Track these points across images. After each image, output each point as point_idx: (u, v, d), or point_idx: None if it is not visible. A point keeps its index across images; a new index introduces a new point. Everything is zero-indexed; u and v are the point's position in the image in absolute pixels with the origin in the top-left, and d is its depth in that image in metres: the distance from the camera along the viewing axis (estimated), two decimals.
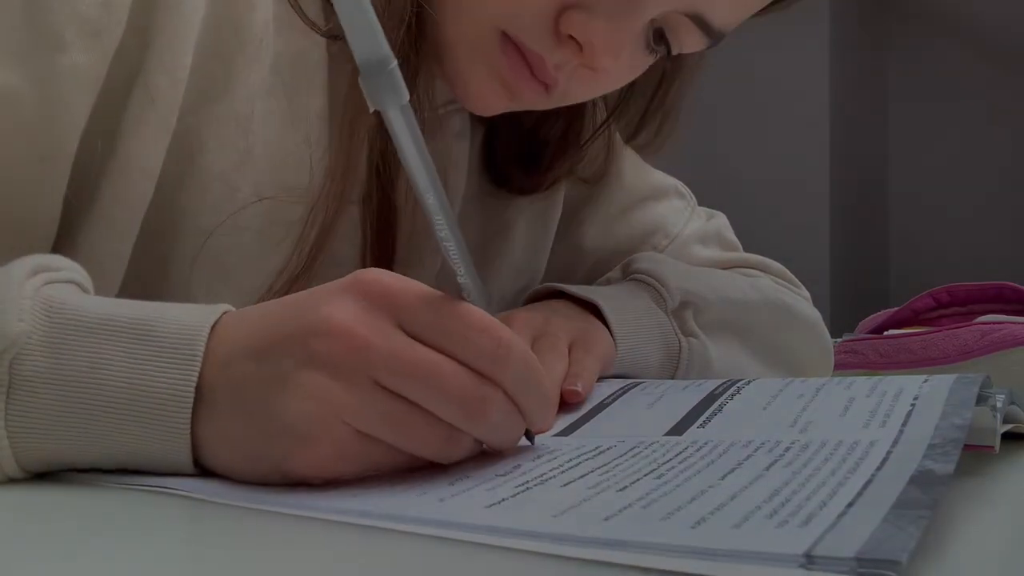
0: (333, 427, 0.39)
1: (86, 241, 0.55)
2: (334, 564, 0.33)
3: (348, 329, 0.39)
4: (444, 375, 0.40)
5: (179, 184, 0.57)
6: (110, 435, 0.40)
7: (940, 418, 0.43)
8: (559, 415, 0.54)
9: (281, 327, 0.41)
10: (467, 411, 0.40)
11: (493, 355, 0.41)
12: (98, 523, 0.37)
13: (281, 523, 0.36)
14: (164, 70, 0.54)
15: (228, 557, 0.33)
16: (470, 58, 0.60)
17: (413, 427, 0.40)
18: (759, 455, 0.41)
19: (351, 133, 0.58)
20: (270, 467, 0.40)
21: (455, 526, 0.34)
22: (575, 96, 0.64)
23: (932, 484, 0.35)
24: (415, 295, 0.41)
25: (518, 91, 0.60)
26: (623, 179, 0.81)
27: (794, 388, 0.53)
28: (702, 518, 0.33)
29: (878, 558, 0.28)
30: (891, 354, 0.90)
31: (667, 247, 0.81)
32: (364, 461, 0.40)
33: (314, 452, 0.39)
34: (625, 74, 0.64)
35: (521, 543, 0.32)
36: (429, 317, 0.41)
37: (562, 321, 0.64)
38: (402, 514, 0.36)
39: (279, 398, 0.39)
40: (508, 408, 0.42)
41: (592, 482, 0.39)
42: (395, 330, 0.40)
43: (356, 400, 0.39)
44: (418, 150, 0.40)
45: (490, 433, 0.42)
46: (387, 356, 0.39)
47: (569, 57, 0.58)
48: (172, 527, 0.38)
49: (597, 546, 0.31)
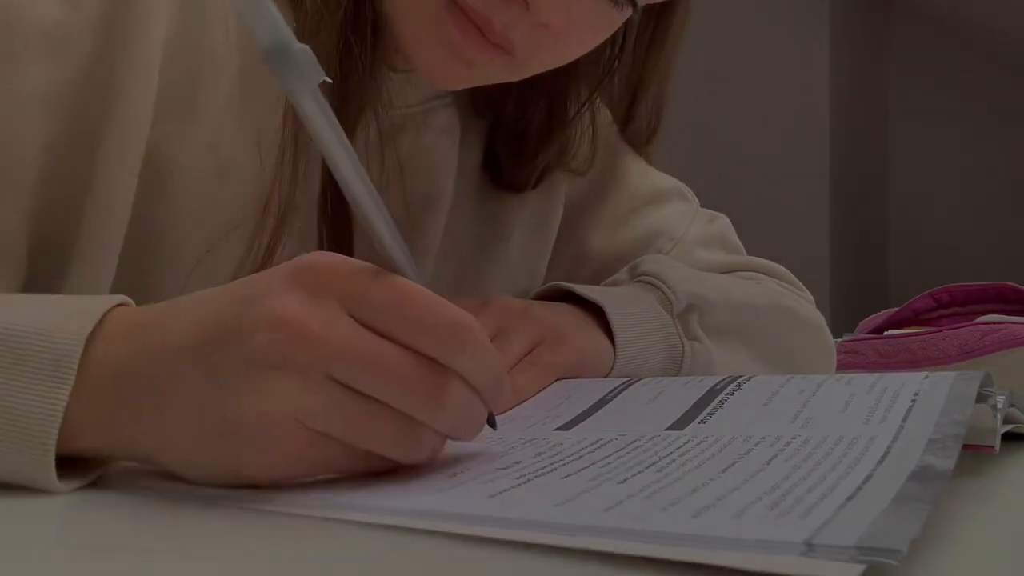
0: (288, 427, 0.37)
1: (74, 272, 0.55)
2: (333, 559, 0.33)
3: (295, 321, 0.37)
4: (398, 365, 0.38)
5: (153, 200, 0.57)
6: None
7: (940, 414, 0.43)
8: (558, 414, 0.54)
9: (224, 321, 0.38)
10: (425, 401, 0.38)
11: (448, 340, 0.38)
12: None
13: (279, 520, 0.36)
14: (133, 89, 0.55)
15: (224, 556, 0.33)
16: (417, 28, 0.58)
17: (371, 422, 0.38)
18: (760, 449, 0.41)
19: (294, 134, 0.57)
20: (225, 469, 0.38)
21: (455, 516, 0.34)
22: (541, 61, 0.62)
23: (932, 479, 0.35)
24: (360, 277, 0.39)
25: (472, 58, 0.58)
26: (626, 182, 0.81)
27: (795, 384, 0.53)
28: (702, 508, 0.33)
29: (878, 546, 0.28)
30: (891, 354, 0.90)
31: (671, 251, 0.81)
32: (321, 462, 0.38)
33: (269, 454, 0.37)
34: (588, 32, 0.61)
35: (521, 533, 0.32)
36: (378, 301, 0.38)
37: (535, 321, 0.64)
38: (401, 505, 0.36)
39: (227, 398, 0.37)
40: (467, 394, 0.40)
41: (592, 474, 0.39)
42: (344, 318, 0.38)
43: (309, 397, 0.37)
44: (334, 133, 0.38)
45: (451, 422, 0.40)
46: (339, 349, 0.37)
47: (517, 15, 0.56)
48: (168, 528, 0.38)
49: (598, 535, 0.31)
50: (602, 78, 0.72)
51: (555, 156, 0.74)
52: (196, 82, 0.58)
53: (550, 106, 0.71)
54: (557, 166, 0.75)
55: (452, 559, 0.32)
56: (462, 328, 0.39)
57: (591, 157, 0.77)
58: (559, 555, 0.31)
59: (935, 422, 0.42)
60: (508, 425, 0.54)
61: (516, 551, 0.32)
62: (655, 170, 0.83)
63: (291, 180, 0.57)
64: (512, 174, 0.74)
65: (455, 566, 0.32)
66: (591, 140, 0.76)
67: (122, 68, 0.54)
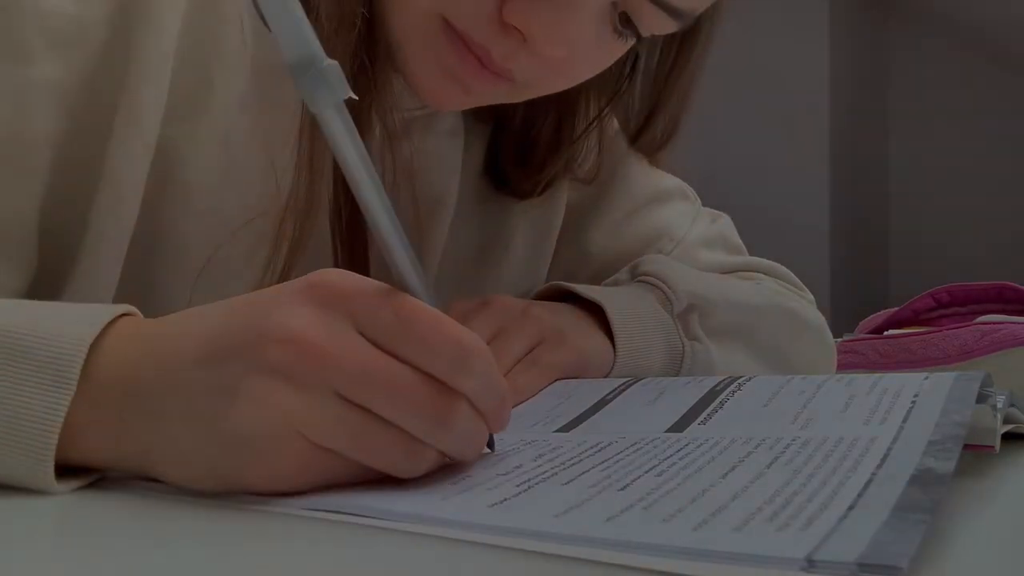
0: (291, 440, 0.37)
1: (83, 263, 0.56)
2: (336, 563, 0.33)
3: (305, 336, 0.37)
4: (407, 385, 0.38)
5: (160, 199, 0.58)
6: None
7: (940, 415, 0.43)
8: (558, 414, 0.54)
9: (232, 333, 0.38)
10: (432, 422, 0.38)
11: (457, 362, 0.38)
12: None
13: (281, 522, 0.36)
14: (145, 86, 0.55)
15: (224, 556, 0.33)
16: (419, 54, 0.58)
17: (374, 440, 0.38)
18: (760, 452, 0.41)
19: (311, 148, 0.56)
20: (226, 480, 0.38)
21: (458, 524, 0.34)
22: (543, 86, 0.62)
23: (932, 484, 0.35)
24: (372, 296, 0.38)
25: (470, 84, 0.58)
26: (628, 183, 0.81)
27: (795, 385, 0.53)
28: (703, 521, 0.33)
29: (880, 563, 0.28)
30: (891, 354, 0.90)
31: (672, 251, 0.81)
32: (322, 474, 0.38)
33: (271, 466, 0.37)
34: (590, 62, 0.61)
35: (523, 542, 0.32)
36: (388, 320, 0.38)
37: (535, 321, 0.64)
38: (405, 512, 0.36)
39: (232, 409, 0.37)
40: (473, 416, 0.40)
41: (593, 480, 0.39)
42: (354, 336, 0.38)
43: (315, 412, 0.37)
44: (357, 152, 0.38)
45: (455, 443, 0.40)
46: (347, 365, 0.37)
47: (515, 47, 0.56)
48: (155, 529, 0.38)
49: (599, 546, 0.31)
50: (613, 96, 0.72)
51: (562, 167, 0.74)
52: (208, 80, 0.58)
53: (559, 120, 0.71)
54: (563, 175, 0.75)
55: (453, 561, 0.32)
56: (471, 351, 0.39)
57: (598, 167, 0.77)
58: (560, 563, 0.31)
59: (935, 423, 0.42)
60: (509, 425, 0.54)
61: (516, 558, 0.32)
62: (657, 170, 0.83)
63: (307, 199, 0.57)
64: (517, 182, 0.74)
65: (457, 564, 0.32)
66: (599, 152, 0.76)
67: (134, 63, 0.55)
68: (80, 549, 0.34)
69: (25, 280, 0.56)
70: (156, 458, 0.39)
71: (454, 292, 0.72)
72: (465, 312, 0.64)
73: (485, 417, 0.40)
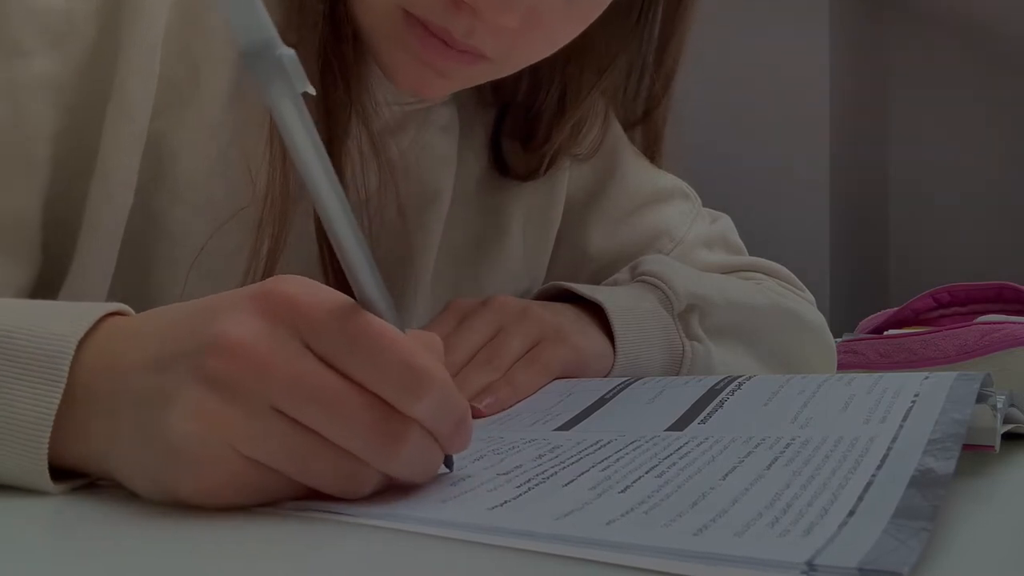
0: (222, 453, 0.35)
1: (79, 256, 0.56)
2: (335, 565, 0.33)
3: (246, 347, 0.35)
4: (350, 405, 0.36)
5: (152, 190, 0.58)
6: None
7: (940, 414, 0.43)
8: (558, 413, 0.54)
9: (177, 338, 0.37)
10: (376, 446, 0.36)
11: (407, 385, 0.36)
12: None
13: (279, 524, 0.36)
14: (134, 77, 0.55)
15: (220, 556, 0.33)
16: (388, 45, 0.58)
17: (314, 460, 0.36)
18: (760, 452, 0.41)
19: (283, 153, 0.56)
20: (164, 491, 0.37)
21: (458, 527, 0.34)
22: (522, 56, 0.61)
23: (932, 486, 0.35)
24: (324, 309, 0.36)
25: (442, 67, 0.57)
26: (628, 181, 0.80)
27: (795, 384, 0.53)
28: (704, 526, 0.33)
29: (881, 568, 0.28)
30: (891, 354, 0.90)
31: (672, 251, 0.80)
32: (260, 491, 0.37)
33: (202, 479, 0.36)
34: (561, 24, 0.59)
35: (523, 544, 0.32)
36: (338, 336, 0.36)
37: (535, 320, 0.64)
38: (405, 514, 0.36)
39: (166, 416, 0.36)
40: (423, 441, 0.37)
41: (593, 481, 0.39)
42: (300, 350, 0.36)
43: (249, 426, 0.35)
44: (314, 146, 0.35)
45: (402, 469, 0.37)
46: (288, 379, 0.35)
47: (471, 23, 0.55)
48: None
49: (599, 548, 0.31)
50: (613, 57, 0.71)
51: (567, 139, 0.73)
52: (197, 72, 0.58)
53: (563, 88, 0.71)
54: (567, 150, 0.74)
55: (453, 563, 0.32)
56: (423, 374, 0.36)
57: (599, 141, 0.76)
58: (561, 565, 0.31)
59: (935, 422, 0.42)
60: (509, 423, 0.54)
61: (519, 559, 0.32)
62: (657, 169, 0.82)
63: (282, 193, 0.57)
64: (522, 161, 0.74)
65: (458, 566, 0.32)
66: (602, 122, 0.76)
67: (123, 55, 0.55)
68: (75, 551, 0.34)
69: (31, 276, 0.56)
70: (112, 463, 0.38)
71: (453, 285, 0.72)
72: (465, 311, 0.64)
73: (440, 440, 0.38)
